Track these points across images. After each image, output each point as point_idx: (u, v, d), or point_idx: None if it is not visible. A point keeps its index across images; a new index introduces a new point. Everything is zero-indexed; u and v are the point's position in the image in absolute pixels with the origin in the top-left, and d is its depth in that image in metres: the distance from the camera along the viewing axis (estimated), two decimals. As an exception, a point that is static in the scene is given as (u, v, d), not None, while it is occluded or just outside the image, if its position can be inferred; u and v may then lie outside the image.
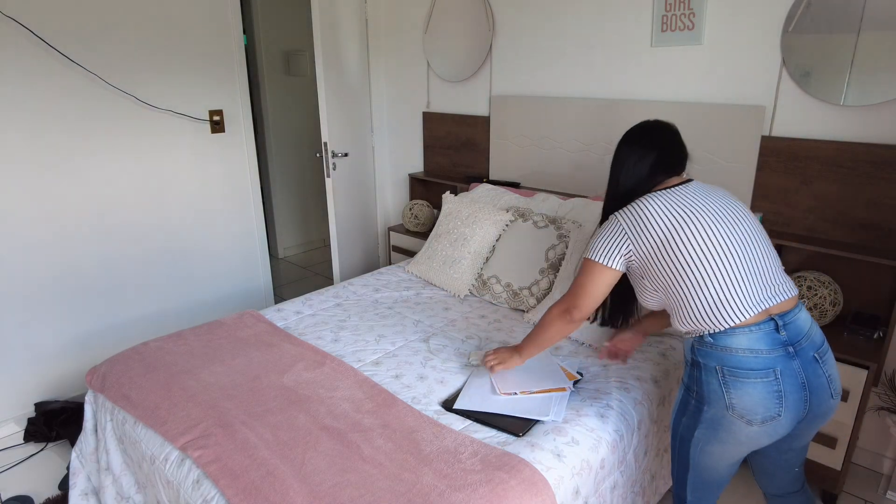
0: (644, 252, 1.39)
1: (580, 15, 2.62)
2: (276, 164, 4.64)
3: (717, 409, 1.34)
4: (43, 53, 2.38)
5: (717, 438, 1.37)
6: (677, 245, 1.35)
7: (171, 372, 1.82)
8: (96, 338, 2.76)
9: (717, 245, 1.34)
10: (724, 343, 1.32)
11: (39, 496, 2.15)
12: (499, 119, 3.04)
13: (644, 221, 1.39)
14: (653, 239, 1.38)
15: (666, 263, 1.37)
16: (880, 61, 1.91)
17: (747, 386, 1.30)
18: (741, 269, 1.34)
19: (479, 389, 1.71)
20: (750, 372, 1.30)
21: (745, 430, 1.33)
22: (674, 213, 1.38)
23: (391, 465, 1.39)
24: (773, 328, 1.32)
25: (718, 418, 1.35)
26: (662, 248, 1.37)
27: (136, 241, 2.82)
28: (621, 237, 1.42)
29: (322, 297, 2.45)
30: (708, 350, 1.35)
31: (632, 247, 1.41)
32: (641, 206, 1.42)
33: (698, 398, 1.39)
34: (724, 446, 1.38)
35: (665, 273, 1.37)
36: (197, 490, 1.40)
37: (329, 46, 2.99)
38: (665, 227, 1.37)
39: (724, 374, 1.32)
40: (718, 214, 1.37)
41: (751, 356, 1.30)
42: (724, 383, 1.32)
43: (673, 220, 1.37)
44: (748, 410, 1.31)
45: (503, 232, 2.50)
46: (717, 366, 1.33)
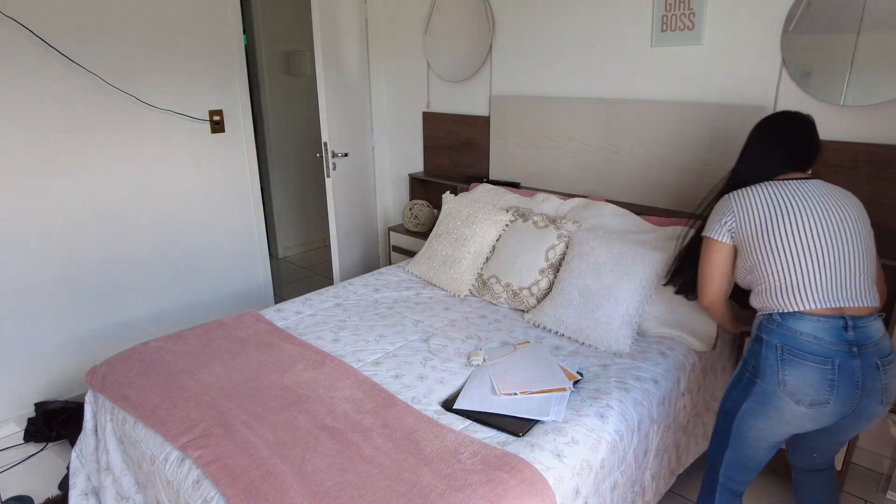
0: (744, 232, 1.50)
1: (580, 15, 2.62)
2: (276, 164, 4.64)
3: (768, 384, 1.41)
4: (43, 53, 2.38)
5: (763, 413, 1.43)
6: (773, 232, 1.45)
7: (171, 372, 1.82)
8: (96, 338, 2.76)
9: (809, 238, 1.41)
10: (791, 325, 1.40)
11: (39, 496, 2.15)
12: (499, 119, 3.04)
13: (749, 204, 1.50)
14: (754, 223, 1.48)
15: (759, 245, 1.47)
16: (880, 61, 1.91)
17: (803, 367, 1.36)
18: (825, 265, 1.40)
19: (479, 389, 1.71)
20: (808, 355, 1.37)
21: (791, 409, 1.39)
22: (778, 202, 1.47)
23: (391, 465, 1.39)
24: (841, 325, 1.37)
25: (769, 393, 1.41)
26: (760, 232, 1.47)
27: (136, 240, 2.82)
28: (728, 214, 1.54)
29: (322, 297, 2.45)
30: (774, 328, 1.42)
31: (734, 225, 1.52)
32: (751, 191, 1.53)
33: (753, 371, 1.45)
34: (768, 422, 1.43)
35: (756, 253, 1.48)
36: (197, 490, 1.40)
37: (329, 46, 2.99)
38: (766, 214, 1.47)
39: (784, 351, 1.39)
40: (822, 213, 1.44)
41: (814, 342, 1.37)
42: (781, 360, 1.39)
43: (775, 209, 1.46)
44: (798, 390, 1.37)
45: (503, 232, 2.50)
46: (779, 343, 1.40)
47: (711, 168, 2.35)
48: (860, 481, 2.18)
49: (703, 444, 2.10)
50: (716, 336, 2.02)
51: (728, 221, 1.54)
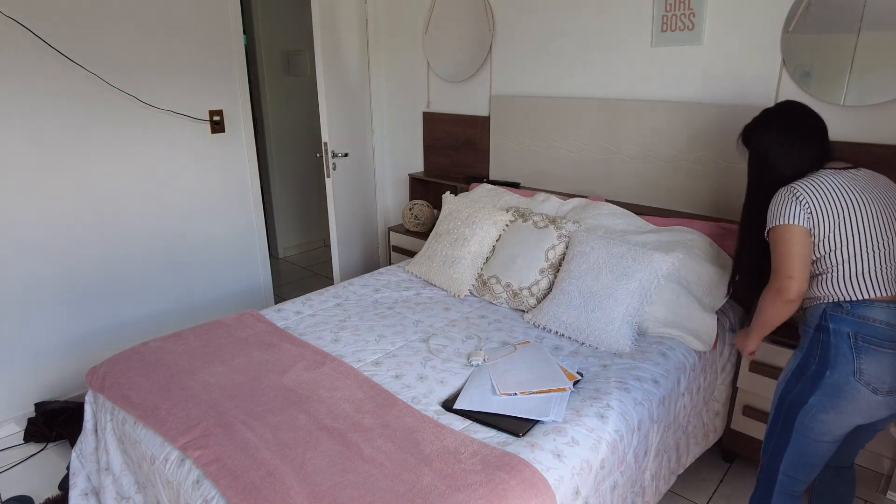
0: (820, 220, 1.41)
1: (580, 15, 2.62)
2: (276, 164, 4.64)
3: (841, 375, 1.36)
4: (43, 53, 2.38)
5: (834, 406, 1.38)
6: (846, 220, 1.40)
7: (171, 372, 1.82)
8: (96, 338, 2.76)
9: (878, 227, 1.40)
10: (863, 312, 1.36)
11: (39, 496, 2.15)
12: (499, 119, 3.04)
13: (824, 192, 1.42)
14: (831, 211, 1.41)
15: (833, 234, 1.41)
16: (880, 61, 1.91)
17: (880, 355, 1.33)
18: (888, 254, 1.40)
19: (479, 389, 1.71)
20: (885, 342, 1.35)
21: (867, 399, 1.35)
22: (848, 191, 1.42)
23: (391, 466, 1.39)
24: None
25: (841, 384, 1.36)
26: (837, 218, 1.40)
27: (136, 240, 2.82)
28: (802, 202, 1.43)
29: (322, 297, 2.45)
30: (843, 316, 1.38)
31: (812, 211, 1.42)
32: (820, 180, 1.44)
33: (821, 362, 1.39)
34: (840, 415, 1.39)
35: (829, 243, 1.41)
36: (197, 490, 1.40)
37: (329, 46, 2.99)
38: (841, 202, 1.41)
39: (858, 339, 1.35)
40: (884, 203, 1.43)
41: (888, 329, 1.35)
42: (855, 348, 1.35)
43: (847, 198, 1.41)
44: (876, 378, 1.34)
45: (503, 232, 2.50)
46: (852, 332, 1.36)
47: (711, 168, 2.35)
48: (860, 481, 2.18)
49: (702, 444, 2.10)
50: (716, 336, 2.02)
51: (804, 206, 1.42)
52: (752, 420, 2.12)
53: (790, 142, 1.53)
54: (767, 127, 1.57)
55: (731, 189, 2.31)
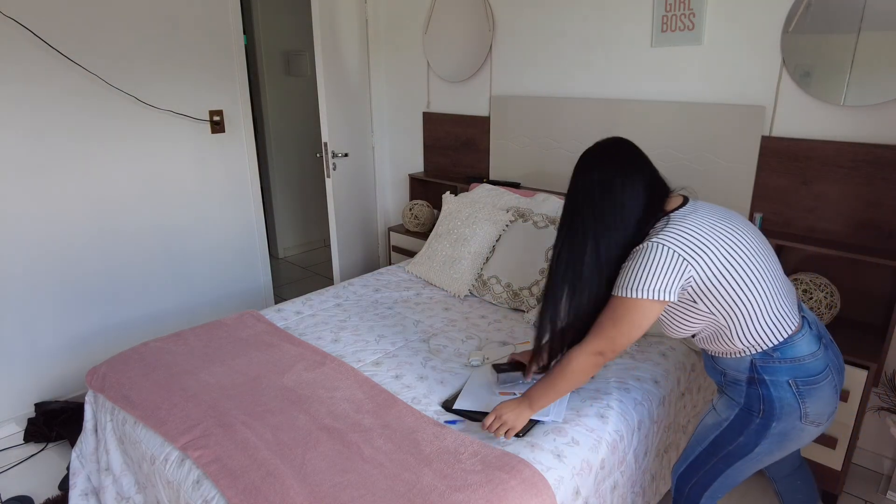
0: (710, 275, 1.27)
1: (580, 15, 2.62)
2: (276, 164, 4.64)
3: (788, 422, 1.33)
4: (43, 54, 2.38)
5: (780, 448, 1.37)
6: (740, 262, 1.28)
7: (172, 372, 1.82)
8: (96, 338, 2.76)
9: (762, 260, 1.32)
10: (792, 354, 1.30)
11: (39, 496, 2.15)
12: (499, 119, 3.04)
13: (703, 242, 1.27)
14: (719, 259, 1.27)
15: (732, 282, 1.28)
16: (880, 61, 1.91)
17: (820, 391, 1.31)
18: (778, 279, 1.35)
19: (478, 390, 1.71)
20: (818, 376, 1.31)
21: (812, 433, 1.35)
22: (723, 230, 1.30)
23: (391, 466, 1.39)
24: (808, 326, 1.35)
25: (788, 430, 1.34)
26: (728, 267, 1.27)
27: (137, 241, 2.82)
28: (679, 265, 1.26)
29: (322, 297, 2.45)
30: (776, 366, 1.31)
31: (693, 273, 1.26)
32: (689, 227, 1.29)
33: (766, 416, 1.33)
34: (783, 452, 1.39)
35: (731, 293, 1.28)
36: (197, 490, 1.40)
37: (329, 46, 2.99)
38: (725, 245, 1.28)
39: (799, 385, 1.30)
40: (745, 229, 1.35)
41: (813, 360, 1.32)
42: (799, 395, 1.30)
43: (727, 237, 1.29)
44: (819, 414, 1.32)
45: (503, 232, 2.50)
46: (790, 379, 1.30)
47: (711, 168, 2.35)
48: (860, 481, 2.18)
49: (703, 444, 2.10)
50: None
51: (683, 275, 1.26)
52: (752, 420, 2.12)
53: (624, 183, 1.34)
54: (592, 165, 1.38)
55: (730, 189, 2.31)
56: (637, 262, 1.30)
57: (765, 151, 2.20)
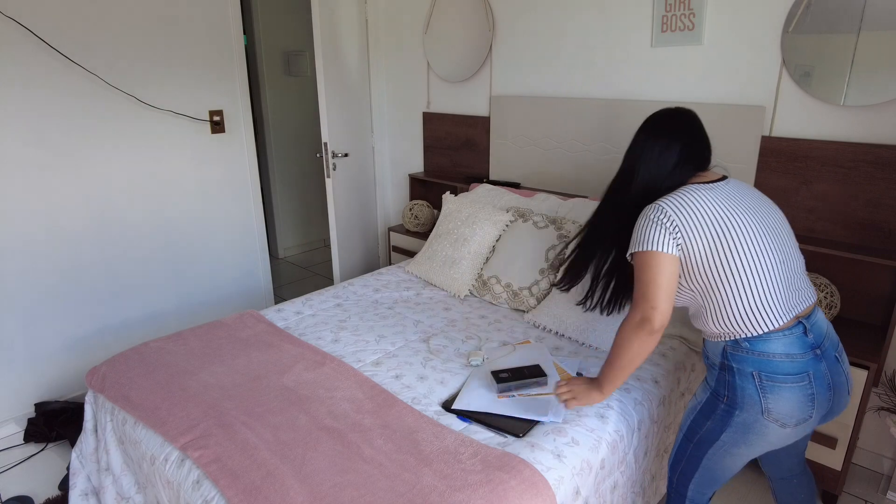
0: (694, 247, 1.33)
1: (580, 15, 2.62)
2: (276, 164, 4.64)
3: (750, 414, 1.33)
4: (43, 54, 2.38)
5: (745, 441, 1.37)
6: (726, 247, 1.32)
7: (172, 372, 1.82)
8: (96, 338, 2.76)
9: (759, 251, 1.33)
10: (762, 349, 1.31)
11: (39, 496, 2.15)
12: (499, 119, 3.04)
13: (696, 214, 1.33)
14: (705, 236, 1.32)
15: (712, 264, 1.33)
16: (880, 61, 1.91)
17: (784, 391, 1.30)
18: (777, 275, 1.34)
19: (478, 390, 1.71)
20: (787, 377, 1.30)
21: (777, 433, 1.34)
22: (724, 211, 1.34)
23: (391, 466, 1.39)
24: (802, 332, 1.33)
25: (751, 423, 1.34)
26: (712, 246, 1.32)
27: (137, 241, 2.82)
28: (671, 226, 1.34)
29: (322, 297, 2.45)
30: (744, 355, 1.33)
31: (682, 237, 1.33)
32: (690, 198, 1.35)
33: (729, 403, 1.36)
34: (751, 448, 1.38)
35: (708, 273, 1.33)
36: (197, 490, 1.40)
37: (329, 46, 2.99)
38: (716, 226, 1.32)
39: (762, 379, 1.31)
40: (760, 219, 1.36)
41: (787, 361, 1.31)
42: (761, 388, 1.31)
43: (723, 220, 1.33)
44: (784, 414, 1.31)
45: (503, 232, 2.50)
46: (755, 371, 1.31)
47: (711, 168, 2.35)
48: (860, 482, 2.18)
49: (703, 444, 2.10)
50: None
51: (674, 235, 1.33)
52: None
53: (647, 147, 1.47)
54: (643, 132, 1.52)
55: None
56: (638, 220, 1.42)
57: (765, 151, 2.20)
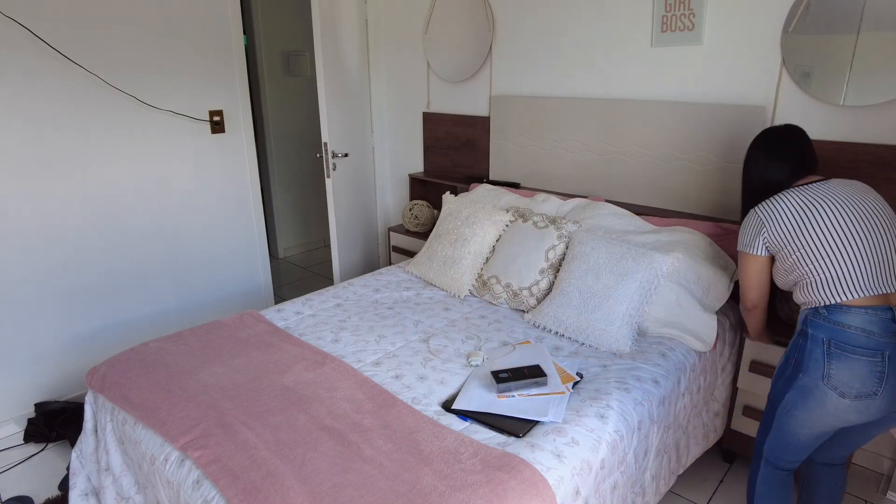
0: (776, 239, 1.56)
1: (580, 15, 2.62)
2: (276, 164, 4.64)
3: (811, 378, 1.45)
4: (43, 54, 2.38)
5: (805, 405, 1.47)
6: (805, 233, 1.50)
7: (171, 372, 1.82)
8: (96, 338, 2.76)
9: (842, 229, 1.46)
10: (839, 318, 1.43)
11: (39, 496, 2.15)
12: (499, 119, 3.04)
13: (777, 214, 1.56)
14: (784, 229, 1.54)
15: (795, 248, 1.52)
16: (880, 61, 1.91)
17: (851, 361, 1.40)
18: (863, 253, 1.44)
19: (478, 390, 1.71)
20: (858, 349, 1.40)
21: (835, 402, 1.42)
22: (805, 205, 1.52)
23: (391, 466, 1.39)
24: (889, 317, 1.39)
25: (811, 387, 1.45)
26: (793, 235, 1.52)
27: (137, 241, 2.82)
28: (759, 227, 1.60)
29: (322, 297, 2.45)
30: (821, 322, 1.45)
31: (766, 234, 1.58)
32: (777, 200, 1.59)
33: (796, 365, 1.50)
34: (810, 413, 1.47)
35: (794, 255, 1.53)
36: (197, 490, 1.40)
37: (329, 46, 2.99)
38: (796, 219, 1.52)
39: (832, 346, 1.42)
40: (849, 205, 1.49)
41: (863, 335, 1.40)
42: (828, 354, 1.42)
43: (804, 212, 1.52)
44: (843, 383, 1.40)
45: (503, 232, 2.50)
46: (826, 338, 1.43)
47: (711, 168, 2.35)
48: (860, 482, 2.18)
49: (703, 444, 2.10)
50: (716, 336, 2.02)
51: (762, 234, 1.59)
52: (752, 420, 2.12)
53: (759, 160, 1.72)
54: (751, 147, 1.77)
55: (730, 189, 2.31)
56: (743, 223, 1.69)
57: (765, 151, 2.20)
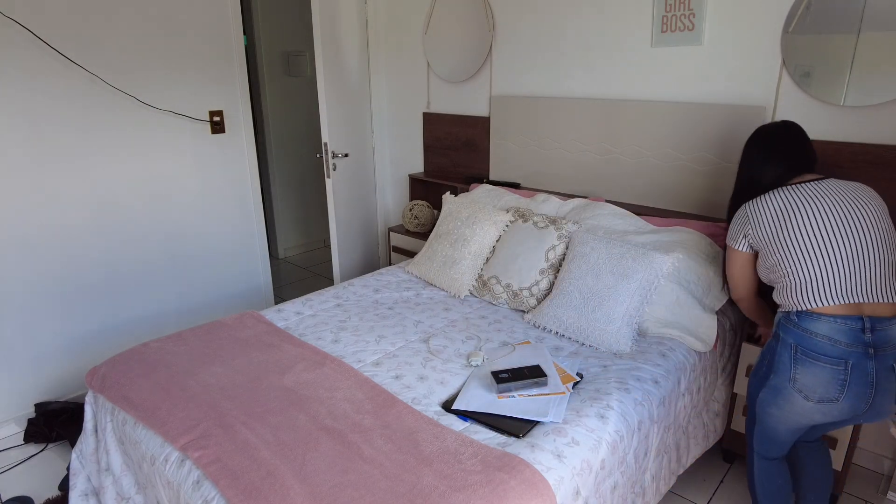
0: (761, 238, 1.59)
1: (580, 15, 2.62)
2: (276, 164, 4.64)
3: (780, 380, 1.52)
4: (43, 55, 2.38)
5: (775, 404, 1.56)
6: (786, 234, 1.53)
7: (172, 372, 1.82)
8: (96, 338, 2.76)
9: (823, 232, 1.48)
10: (807, 325, 1.46)
11: (39, 497, 2.15)
12: (499, 119, 3.04)
13: (763, 213, 1.59)
14: (767, 228, 1.57)
15: (775, 247, 1.55)
16: (880, 61, 1.91)
17: (815, 367, 1.45)
18: (841, 259, 1.45)
19: (478, 390, 1.71)
20: (821, 356, 1.44)
21: (801, 403, 1.50)
22: (790, 206, 1.54)
23: (391, 466, 1.39)
24: (859, 327, 1.40)
25: (780, 388, 1.53)
26: (774, 235, 1.55)
27: (137, 241, 2.82)
28: (744, 223, 1.64)
29: (322, 297, 2.45)
30: (791, 328, 1.50)
31: (751, 231, 1.62)
32: (764, 199, 1.61)
33: (768, 366, 1.57)
34: (781, 412, 1.56)
35: (774, 255, 1.56)
36: (197, 490, 1.40)
37: (329, 46, 2.99)
38: (779, 219, 1.55)
39: (798, 351, 1.48)
40: (838, 207, 1.49)
41: (828, 344, 1.43)
42: (794, 359, 1.48)
43: (788, 213, 1.54)
44: (807, 388, 1.46)
45: (503, 232, 2.50)
46: (794, 343, 1.49)
47: (711, 168, 2.35)
48: (860, 482, 2.18)
49: (703, 444, 2.10)
50: (716, 337, 2.02)
51: (745, 231, 1.63)
52: (752, 420, 2.12)
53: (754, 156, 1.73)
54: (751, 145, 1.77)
55: (730, 189, 2.31)
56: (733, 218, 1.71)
57: (765, 152, 2.20)
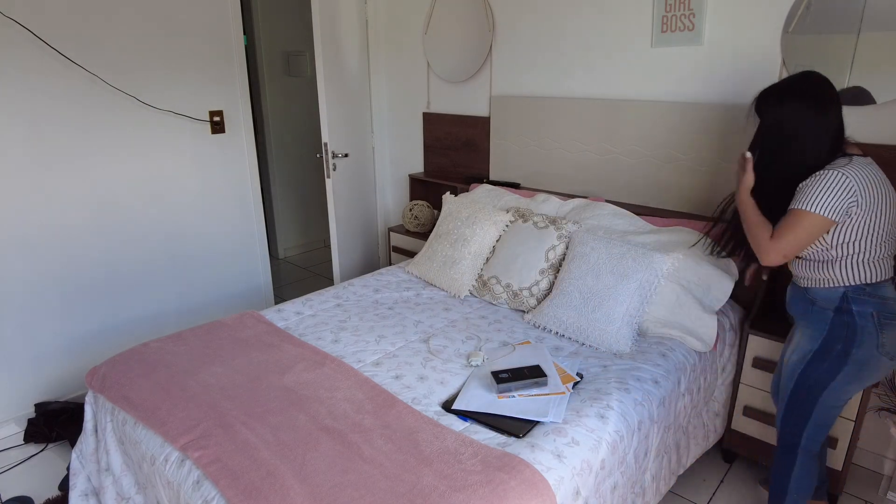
0: (864, 211, 1.50)
1: (580, 15, 2.62)
2: (276, 164, 4.64)
3: (866, 350, 1.55)
4: (43, 55, 2.38)
5: (859, 377, 1.58)
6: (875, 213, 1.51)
7: (172, 372, 1.82)
8: (96, 338, 2.76)
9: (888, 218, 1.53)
10: (881, 293, 1.55)
11: (39, 497, 2.15)
12: (499, 119, 3.04)
13: (871, 186, 1.49)
14: (872, 202, 1.50)
15: (872, 222, 1.52)
16: (880, 61, 1.91)
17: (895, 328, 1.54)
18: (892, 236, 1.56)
19: (478, 390, 1.71)
20: None
21: (886, 365, 1.57)
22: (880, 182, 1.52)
23: (391, 466, 1.39)
24: None
25: (868, 358, 1.56)
26: (870, 213, 1.51)
27: (137, 241, 2.82)
28: (850, 195, 1.48)
29: (322, 297, 2.45)
30: (866, 298, 1.55)
31: (855, 206, 1.49)
32: (869, 171, 1.51)
33: (847, 342, 1.56)
34: (861, 384, 1.59)
35: (866, 227, 1.52)
36: (197, 491, 1.40)
37: (329, 46, 2.99)
38: (878, 194, 1.51)
39: (881, 318, 1.54)
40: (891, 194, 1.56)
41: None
42: (879, 326, 1.54)
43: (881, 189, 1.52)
44: (894, 347, 1.55)
45: (503, 232, 2.50)
46: (875, 311, 1.54)
47: (712, 168, 2.35)
48: (861, 482, 2.18)
49: (703, 444, 2.10)
50: (716, 337, 2.02)
51: (849, 203, 1.48)
52: (752, 420, 2.12)
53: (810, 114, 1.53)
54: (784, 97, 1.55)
55: (730, 189, 2.31)
56: (820, 183, 1.50)
57: (765, 152, 2.20)
